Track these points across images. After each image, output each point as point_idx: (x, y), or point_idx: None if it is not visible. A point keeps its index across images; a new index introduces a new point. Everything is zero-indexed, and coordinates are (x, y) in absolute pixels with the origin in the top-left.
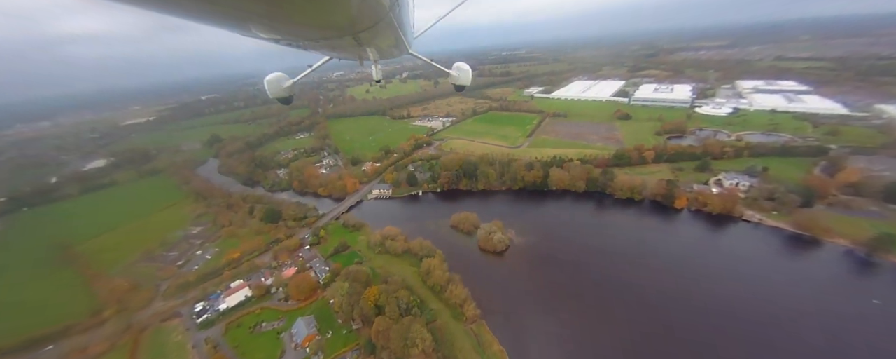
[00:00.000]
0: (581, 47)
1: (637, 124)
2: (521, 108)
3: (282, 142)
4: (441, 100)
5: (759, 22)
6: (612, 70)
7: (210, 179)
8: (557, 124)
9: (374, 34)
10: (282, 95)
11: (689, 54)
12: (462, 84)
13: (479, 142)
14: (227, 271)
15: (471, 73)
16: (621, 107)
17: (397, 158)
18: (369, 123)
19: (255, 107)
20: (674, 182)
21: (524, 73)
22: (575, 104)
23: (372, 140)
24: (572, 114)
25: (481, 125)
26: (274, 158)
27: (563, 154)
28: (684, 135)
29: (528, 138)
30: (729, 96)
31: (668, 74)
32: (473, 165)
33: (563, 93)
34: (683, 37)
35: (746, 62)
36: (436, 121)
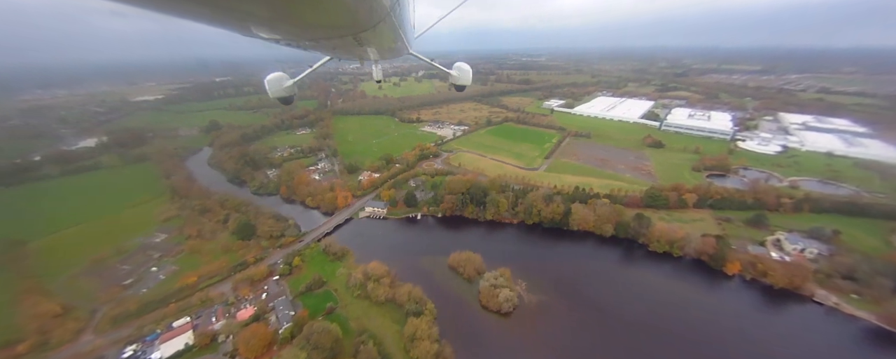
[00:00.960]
0: (604, 59)
1: (671, 155)
2: (539, 122)
3: (280, 137)
4: (454, 104)
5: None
6: (639, 88)
7: (196, 172)
8: (580, 146)
9: (374, 34)
10: (282, 95)
11: (722, 77)
12: (462, 84)
13: (491, 158)
14: (176, 302)
15: (471, 73)
16: (652, 132)
17: (398, 171)
18: (376, 124)
19: (263, 93)
20: (724, 240)
21: (544, 82)
22: (599, 124)
23: (375, 144)
24: (596, 134)
25: (495, 139)
26: (267, 156)
27: (586, 183)
28: (727, 174)
29: (546, 160)
30: (774, 131)
31: (701, 98)
32: (483, 190)
33: (585, 109)
34: (712, 57)
35: (787, 92)
36: (446, 128)
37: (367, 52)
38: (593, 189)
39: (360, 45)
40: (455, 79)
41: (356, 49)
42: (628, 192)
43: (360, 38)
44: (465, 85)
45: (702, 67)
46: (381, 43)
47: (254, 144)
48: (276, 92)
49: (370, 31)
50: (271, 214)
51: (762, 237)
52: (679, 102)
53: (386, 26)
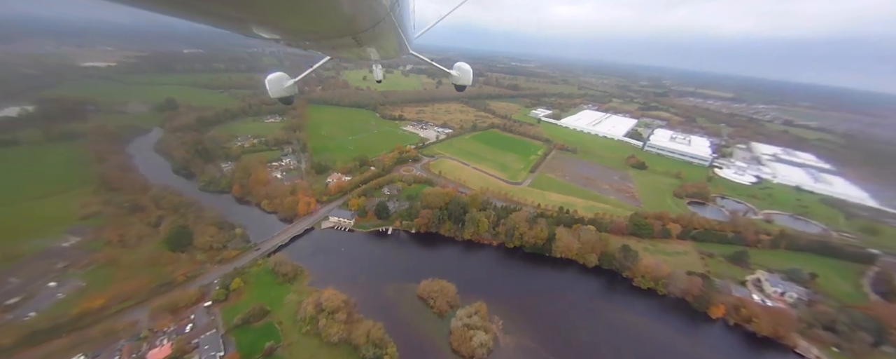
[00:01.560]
0: (590, 71)
1: (653, 178)
2: (526, 132)
3: (245, 123)
4: (440, 104)
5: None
6: (623, 104)
7: (139, 158)
8: (565, 161)
9: (374, 35)
10: (283, 95)
11: (698, 101)
12: (462, 84)
13: (473, 168)
14: (69, 333)
15: (471, 73)
16: (635, 152)
17: (373, 175)
18: (355, 118)
19: (234, 72)
20: (710, 281)
21: (532, 90)
22: (584, 138)
23: (351, 141)
24: (582, 150)
25: (480, 146)
26: (225, 145)
27: (570, 204)
28: (707, 203)
29: (531, 174)
30: (748, 160)
31: (680, 121)
32: (463, 206)
33: (572, 121)
34: (690, 80)
35: (757, 122)
36: (430, 130)
37: (367, 52)
38: (578, 211)
39: (360, 46)
40: (455, 79)
41: (356, 49)
42: (613, 216)
43: (359, 38)
44: (466, 85)
45: (680, 89)
46: (381, 43)
47: (212, 130)
48: (277, 92)
49: (370, 32)
50: (217, 218)
51: (743, 276)
52: (660, 123)
53: (386, 26)
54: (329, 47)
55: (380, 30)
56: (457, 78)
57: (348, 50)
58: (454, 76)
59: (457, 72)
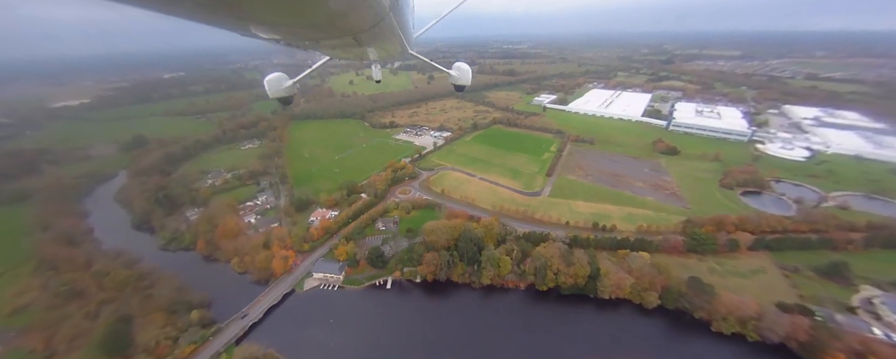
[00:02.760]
0: (586, 46)
1: (690, 165)
2: (532, 124)
3: (219, 153)
4: (434, 102)
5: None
6: (629, 78)
7: (96, 214)
8: (584, 156)
9: (374, 35)
10: (282, 95)
11: (708, 64)
12: (462, 84)
13: (481, 179)
14: None
15: (471, 73)
16: (660, 134)
17: (364, 206)
18: (341, 132)
19: (213, 94)
20: (821, 323)
21: (530, 73)
22: (599, 124)
23: (337, 162)
24: (600, 139)
25: (484, 148)
26: (192, 186)
27: (604, 214)
28: (762, 190)
29: (548, 178)
30: (785, 127)
31: (696, 89)
32: (475, 241)
33: (580, 105)
34: (692, 42)
35: (778, 80)
36: (425, 136)
37: (366, 52)
38: (615, 224)
39: (360, 45)
40: (455, 79)
41: (356, 49)
42: (660, 227)
43: (359, 38)
44: (465, 85)
45: (684, 53)
46: (381, 43)
47: (182, 167)
48: (276, 92)
49: (370, 32)
50: (171, 296)
51: (848, 297)
52: (676, 94)
53: (385, 26)
54: (329, 47)
55: (380, 30)
56: (456, 78)
57: (348, 50)
58: (453, 76)
59: (456, 72)
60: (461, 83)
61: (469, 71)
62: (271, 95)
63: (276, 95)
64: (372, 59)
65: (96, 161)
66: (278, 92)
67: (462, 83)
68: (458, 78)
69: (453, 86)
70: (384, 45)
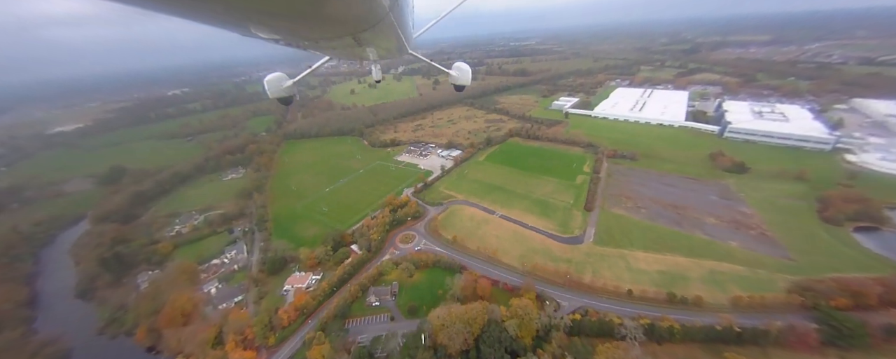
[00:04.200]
0: (598, 38)
1: (768, 187)
2: (556, 136)
3: (197, 187)
4: (441, 111)
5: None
6: (655, 72)
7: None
8: (629, 178)
9: (373, 34)
10: (282, 96)
11: (738, 51)
12: (462, 84)
13: (502, 216)
14: None
15: (470, 73)
16: (715, 143)
17: (353, 266)
18: (337, 153)
19: (210, 111)
20: None
21: (543, 72)
22: (635, 132)
23: (328, 195)
24: (643, 153)
25: (501, 171)
26: (153, 237)
27: (676, 271)
28: (881, 226)
29: (589, 215)
30: (865, 126)
31: (737, 82)
32: (506, 342)
33: (607, 108)
34: (710, 29)
35: (830, 68)
36: (432, 156)
37: (366, 52)
38: (697, 293)
39: (360, 45)
40: (455, 79)
41: (355, 49)
42: (763, 297)
43: (359, 38)
44: (465, 85)
45: (708, 41)
46: (381, 43)
47: (151, 209)
48: (276, 92)
49: (369, 31)
50: None
51: None
52: (714, 89)
53: (385, 26)
54: (329, 47)
55: (379, 29)
56: (456, 78)
57: (348, 50)
58: (453, 76)
59: (456, 72)
60: (461, 83)
61: (469, 71)
62: (271, 94)
63: (275, 95)
64: (372, 59)
65: (68, 199)
66: (278, 92)
67: (462, 83)
68: (457, 78)
69: (453, 86)
70: (384, 44)
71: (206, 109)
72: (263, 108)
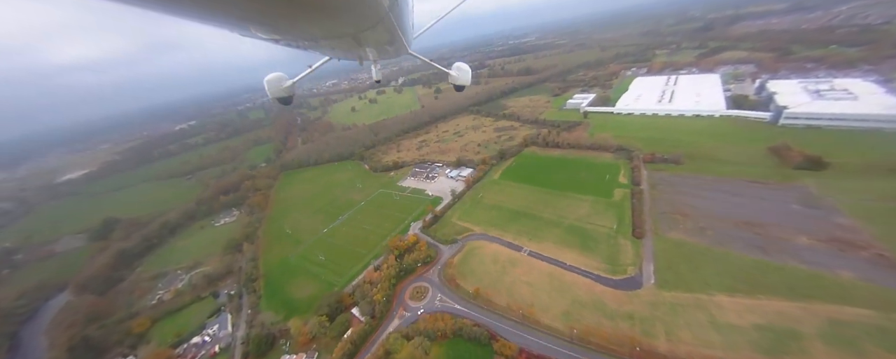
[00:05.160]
0: (600, 27)
1: (856, 185)
2: (579, 142)
3: (187, 238)
4: (446, 122)
5: None
6: (674, 56)
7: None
8: (678, 188)
9: (373, 34)
10: (281, 96)
11: (759, 23)
12: (462, 84)
13: (531, 254)
14: None
15: (470, 73)
16: (770, 133)
17: (353, 342)
18: (336, 183)
19: (212, 144)
20: None
21: (549, 68)
22: (669, 127)
23: (325, 238)
24: (687, 154)
25: (522, 189)
26: (135, 309)
27: (780, 326)
28: None
29: (641, 244)
30: None
31: (771, 57)
32: None
33: (630, 102)
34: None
35: (875, 30)
36: (440, 178)
37: (366, 51)
38: None
39: (360, 45)
40: (454, 79)
41: (355, 49)
42: None
43: (359, 37)
44: (465, 85)
45: (720, 16)
46: (380, 43)
47: (138, 268)
48: (275, 92)
49: (369, 31)
50: None
51: None
52: (747, 68)
53: (385, 26)
54: (328, 47)
55: (379, 29)
56: (456, 78)
57: (348, 49)
58: (453, 76)
59: (455, 72)
60: (461, 83)
61: (469, 71)
62: (271, 95)
63: (275, 95)
64: (371, 59)
65: (58, 261)
66: (278, 92)
67: (462, 83)
68: (457, 78)
69: (453, 86)
70: (384, 44)
71: (208, 141)
72: (264, 136)
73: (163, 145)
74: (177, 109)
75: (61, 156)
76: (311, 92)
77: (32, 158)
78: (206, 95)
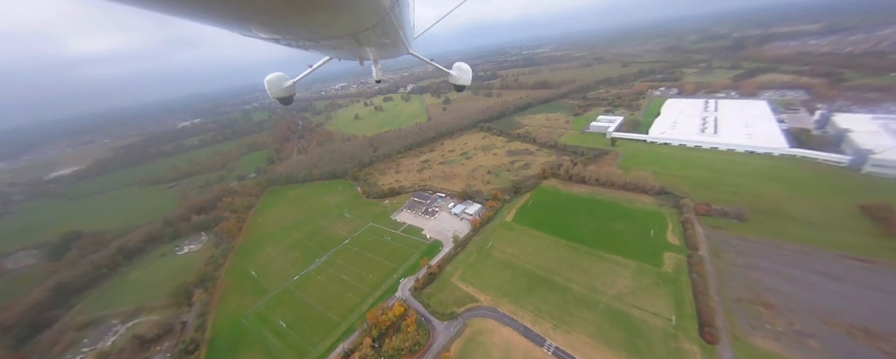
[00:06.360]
0: (619, 41)
1: None
2: (610, 178)
3: (141, 269)
4: (452, 140)
5: None
6: (705, 77)
7: None
8: (752, 259)
9: (374, 34)
10: (281, 95)
11: (793, 44)
12: (462, 84)
13: (554, 351)
14: None
15: (470, 73)
16: (852, 179)
17: None
18: (322, 208)
19: (208, 146)
20: None
21: (568, 83)
22: (717, 165)
23: (296, 286)
24: (749, 206)
25: (541, 242)
26: None
27: None
28: None
29: (716, 351)
30: None
31: (821, 83)
32: None
33: (666, 130)
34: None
35: None
36: (441, 213)
37: (366, 51)
38: None
39: (360, 45)
40: (455, 79)
41: (356, 49)
42: None
43: (359, 37)
44: (466, 85)
45: (748, 35)
46: (381, 42)
47: (72, 309)
48: (276, 92)
49: (370, 31)
50: None
51: None
52: (795, 93)
53: (385, 26)
54: (329, 47)
55: (380, 29)
56: (456, 78)
57: (349, 49)
58: (454, 76)
59: (456, 72)
60: (461, 83)
61: (469, 71)
62: (271, 95)
63: (276, 95)
64: (372, 59)
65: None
66: (278, 92)
67: (462, 83)
68: (458, 78)
69: (454, 86)
70: (385, 44)
71: (204, 143)
72: (260, 141)
73: (160, 144)
74: (186, 106)
75: (63, 149)
76: (319, 94)
77: (38, 148)
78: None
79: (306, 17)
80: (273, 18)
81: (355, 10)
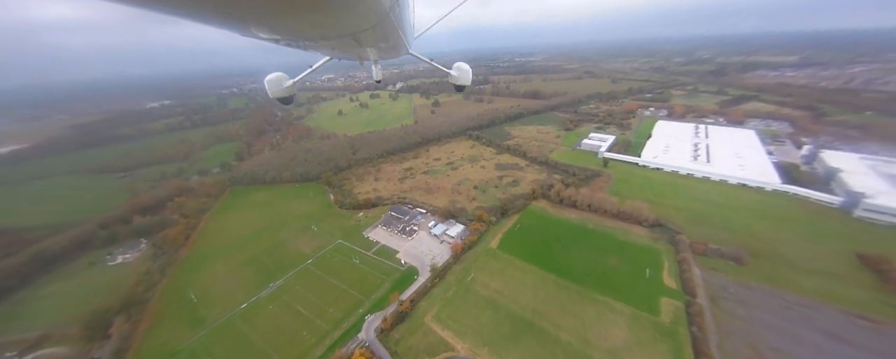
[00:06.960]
0: (608, 56)
1: None
2: (602, 204)
3: (63, 279)
4: (438, 146)
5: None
6: (693, 100)
7: None
8: (753, 310)
9: (374, 34)
10: (282, 95)
11: (772, 74)
12: (462, 84)
13: None
14: None
15: (470, 73)
16: (845, 223)
17: None
18: (286, 217)
19: (172, 132)
20: None
21: (559, 94)
22: (711, 197)
23: (241, 316)
24: (747, 248)
25: (528, 276)
26: None
27: None
28: None
29: None
30: None
31: (804, 116)
32: None
33: (659, 154)
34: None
35: None
36: (420, 233)
37: (366, 51)
38: None
39: (360, 45)
40: (455, 79)
41: (356, 49)
42: None
43: (359, 37)
44: (465, 85)
45: (730, 62)
46: (381, 42)
47: None
48: (276, 92)
49: (370, 31)
50: None
51: None
52: (779, 125)
53: (385, 26)
54: (329, 47)
55: (380, 29)
56: (456, 78)
57: (348, 50)
58: (454, 76)
59: (456, 72)
60: (461, 83)
61: (469, 71)
62: (271, 95)
63: (276, 95)
64: (372, 59)
65: None
66: (278, 92)
67: (462, 83)
68: (458, 78)
69: (454, 86)
70: (384, 44)
71: (170, 128)
72: (232, 132)
73: (119, 126)
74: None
75: (11, 123)
76: (303, 85)
77: None
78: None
79: (306, 18)
80: (273, 18)
81: (355, 10)
